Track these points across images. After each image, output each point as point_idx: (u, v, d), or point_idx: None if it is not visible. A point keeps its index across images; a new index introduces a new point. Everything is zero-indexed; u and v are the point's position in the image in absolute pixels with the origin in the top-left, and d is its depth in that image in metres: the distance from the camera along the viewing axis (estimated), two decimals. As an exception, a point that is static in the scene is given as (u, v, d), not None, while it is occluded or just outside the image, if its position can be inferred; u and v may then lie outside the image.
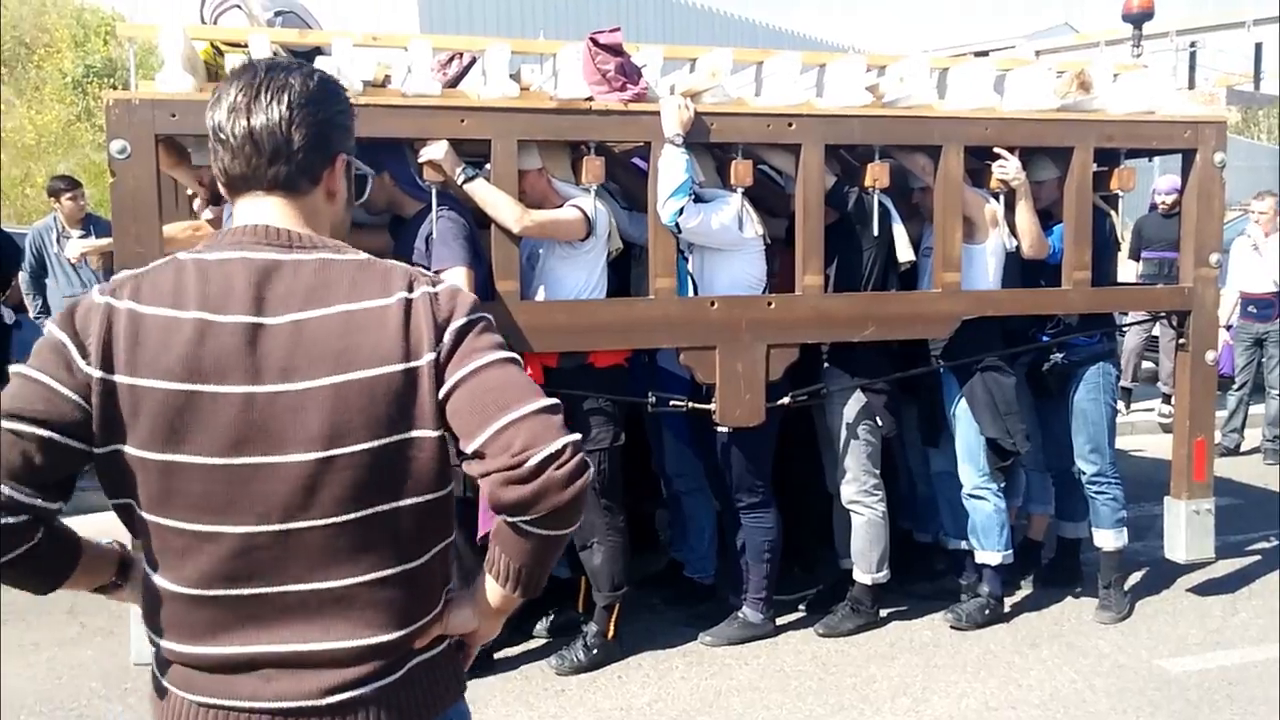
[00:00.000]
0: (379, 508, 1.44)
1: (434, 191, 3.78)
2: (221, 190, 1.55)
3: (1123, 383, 8.41)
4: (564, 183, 4.01)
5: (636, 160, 4.46)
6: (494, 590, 1.53)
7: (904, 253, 4.30)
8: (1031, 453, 4.73)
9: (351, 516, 1.43)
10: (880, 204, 4.26)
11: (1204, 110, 4.59)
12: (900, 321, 4.24)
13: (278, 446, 1.39)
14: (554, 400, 1.44)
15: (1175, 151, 4.61)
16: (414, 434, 1.43)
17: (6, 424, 1.36)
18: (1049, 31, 36.60)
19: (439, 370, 1.44)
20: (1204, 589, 4.97)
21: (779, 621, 4.51)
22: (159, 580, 1.46)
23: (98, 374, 1.39)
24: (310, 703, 1.44)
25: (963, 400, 4.41)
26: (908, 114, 4.20)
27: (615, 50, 3.85)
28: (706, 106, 3.97)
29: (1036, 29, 37.56)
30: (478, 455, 1.41)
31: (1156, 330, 7.90)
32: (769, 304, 4.09)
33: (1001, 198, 4.36)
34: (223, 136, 1.49)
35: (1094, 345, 4.57)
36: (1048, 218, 4.49)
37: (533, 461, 1.37)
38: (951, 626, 4.49)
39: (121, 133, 3.42)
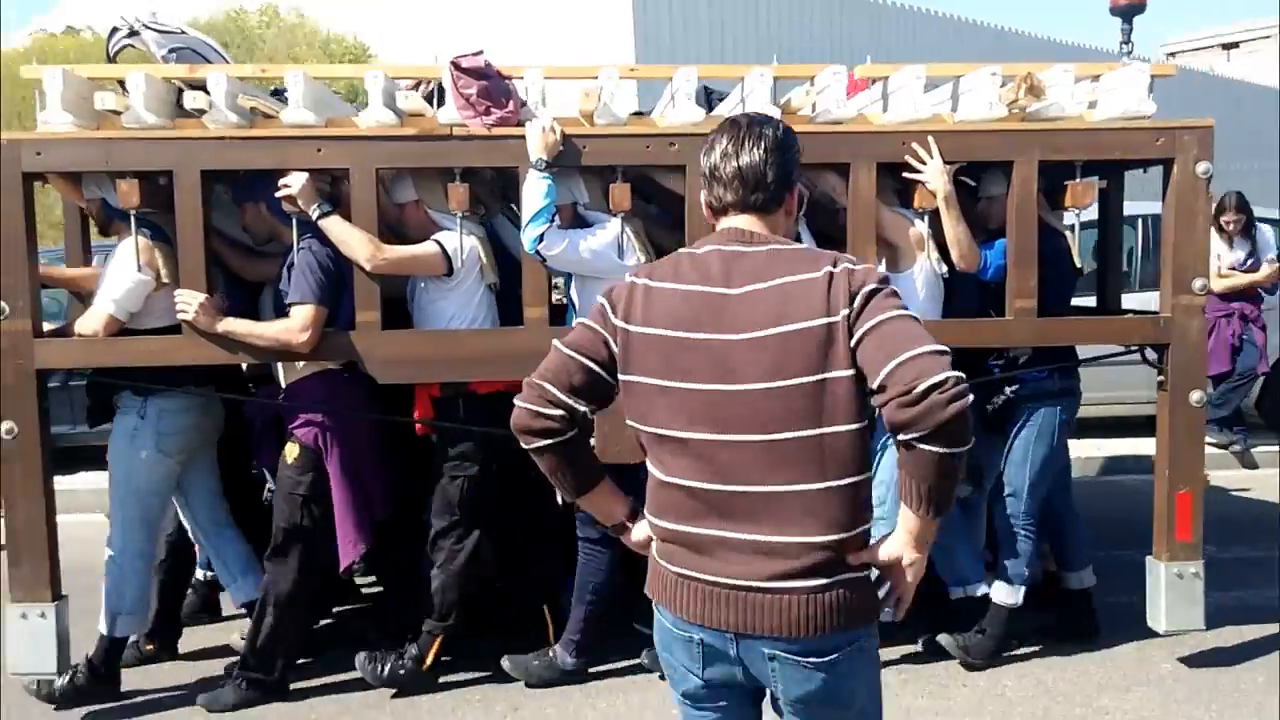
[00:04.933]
0: (809, 431, 1.86)
1: (294, 222, 3.81)
2: (706, 213, 2.09)
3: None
4: (442, 214, 3.92)
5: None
6: (909, 517, 1.88)
7: (810, 279, 3.96)
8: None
9: (789, 435, 1.86)
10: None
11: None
12: (803, 354, 3.90)
13: (739, 379, 1.88)
14: (943, 346, 1.78)
15: (1154, 163, 4.04)
16: (834, 374, 1.84)
17: (565, 350, 2.03)
18: None
19: (850, 324, 1.84)
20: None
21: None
22: (654, 472, 2.01)
23: (621, 324, 2.00)
24: (758, 583, 1.89)
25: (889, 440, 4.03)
26: (808, 129, 3.87)
27: (478, 73, 3.75)
28: (579, 129, 3.81)
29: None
30: (880, 389, 1.77)
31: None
32: (650, 334, 3.87)
33: (926, 217, 3.95)
34: (716, 174, 2.03)
35: (1041, 381, 4.06)
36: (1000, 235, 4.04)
37: (920, 388, 1.72)
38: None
39: (-9, 171, 3.64)
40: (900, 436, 1.77)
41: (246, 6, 21.32)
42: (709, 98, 4.35)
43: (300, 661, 4.21)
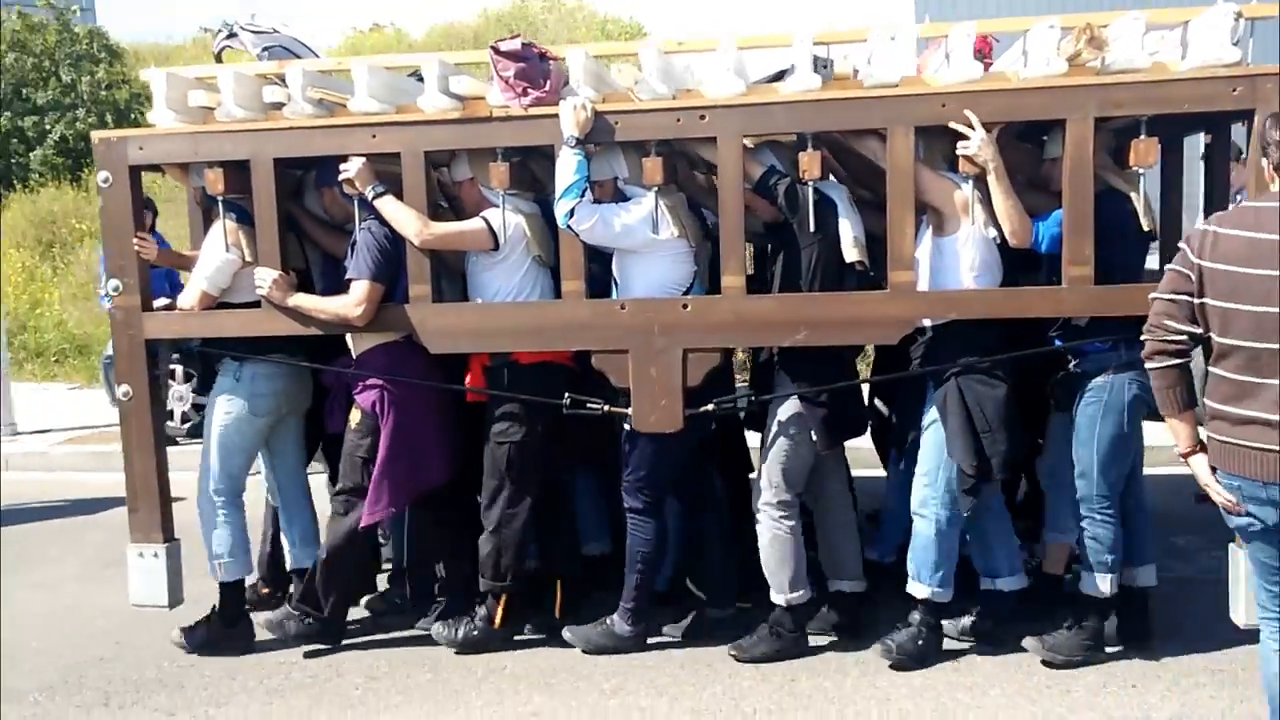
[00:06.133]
0: None
1: (356, 203, 4.11)
2: (1268, 174, 2.84)
3: None
4: (494, 191, 4.11)
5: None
6: None
7: (849, 251, 3.89)
8: (1053, 471, 4.08)
9: None
10: (827, 197, 3.90)
11: None
12: (839, 326, 3.85)
13: None
14: None
15: (1235, 116, 3.69)
16: None
17: (1165, 296, 2.84)
18: None
19: None
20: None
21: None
22: (1213, 369, 2.81)
23: (1196, 260, 2.78)
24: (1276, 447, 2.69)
25: (934, 412, 3.90)
26: (840, 96, 3.80)
27: (515, 56, 3.90)
28: (610, 105, 3.90)
29: None
30: None
31: None
32: (684, 307, 3.93)
33: (972, 181, 3.77)
34: None
35: (1105, 353, 3.80)
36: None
37: None
38: (890, 663, 3.98)
39: (105, 165, 4.15)
40: None
41: (531, -4, 22.55)
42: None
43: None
